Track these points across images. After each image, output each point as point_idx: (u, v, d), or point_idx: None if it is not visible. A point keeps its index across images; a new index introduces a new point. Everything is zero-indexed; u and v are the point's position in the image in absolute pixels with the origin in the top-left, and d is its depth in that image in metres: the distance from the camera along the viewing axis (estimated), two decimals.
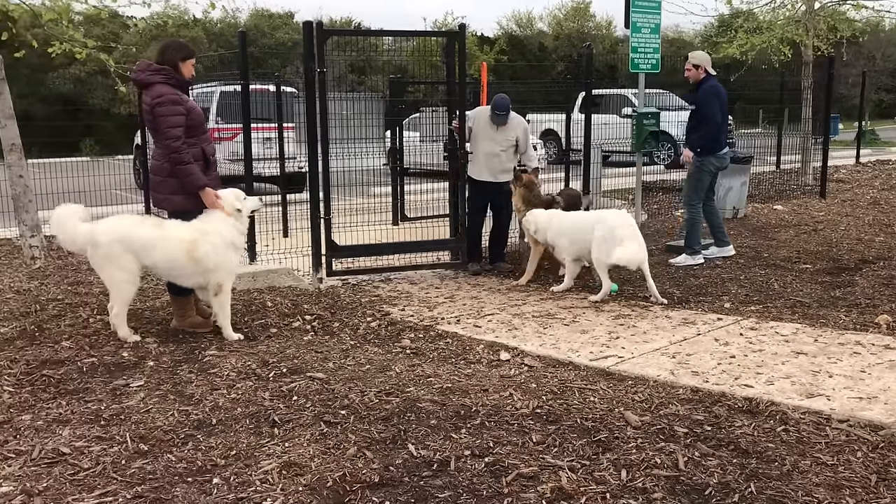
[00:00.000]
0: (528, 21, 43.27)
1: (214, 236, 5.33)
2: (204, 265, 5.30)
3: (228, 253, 5.42)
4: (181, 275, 5.37)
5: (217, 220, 5.41)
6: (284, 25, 33.43)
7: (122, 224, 5.35)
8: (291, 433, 3.86)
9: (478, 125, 7.80)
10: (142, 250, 5.22)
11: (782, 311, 6.10)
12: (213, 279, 5.37)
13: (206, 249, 5.29)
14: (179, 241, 5.26)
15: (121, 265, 5.22)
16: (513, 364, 5.04)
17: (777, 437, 3.80)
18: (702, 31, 33.59)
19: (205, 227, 5.36)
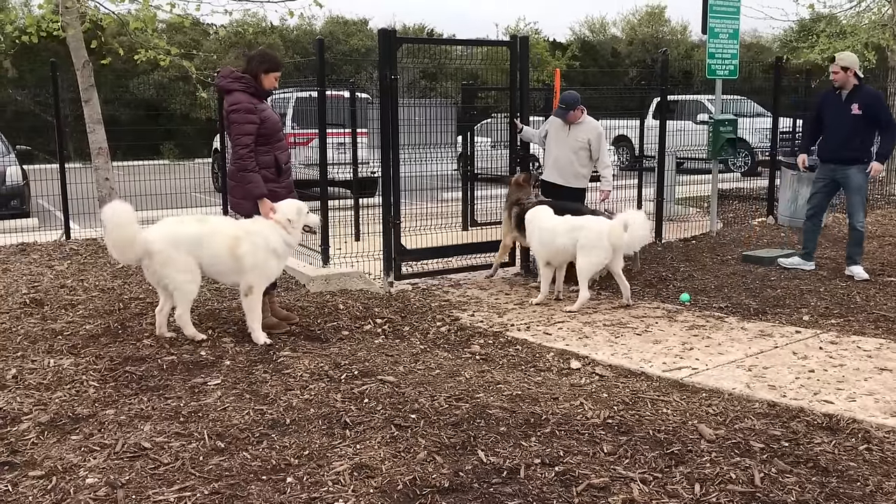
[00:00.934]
0: (601, 26, 42.82)
1: (258, 237, 5.38)
2: (242, 264, 5.35)
3: (268, 257, 5.42)
4: (221, 271, 5.44)
5: (265, 224, 5.45)
6: (359, 32, 33.87)
7: (169, 227, 5.40)
8: (362, 435, 3.91)
9: (551, 129, 7.77)
10: (191, 247, 5.31)
11: (864, 325, 5.89)
12: (247, 280, 5.41)
13: (247, 249, 5.34)
14: (224, 237, 5.35)
15: (179, 267, 5.28)
16: (583, 373, 5.00)
17: (859, 456, 3.67)
18: (781, 36, 32.69)
19: (251, 227, 5.43)
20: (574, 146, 7.65)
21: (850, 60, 7.37)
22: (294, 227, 5.50)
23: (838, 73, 7.36)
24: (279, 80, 5.73)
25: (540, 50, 33.30)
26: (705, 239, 9.63)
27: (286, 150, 5.83)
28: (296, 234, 5.56)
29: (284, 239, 5.46)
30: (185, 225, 5.42)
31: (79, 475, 3.47)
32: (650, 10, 40.21)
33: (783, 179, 10.61)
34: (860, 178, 7.39)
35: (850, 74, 7.31)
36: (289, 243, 5.52)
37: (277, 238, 5.43)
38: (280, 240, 5.44)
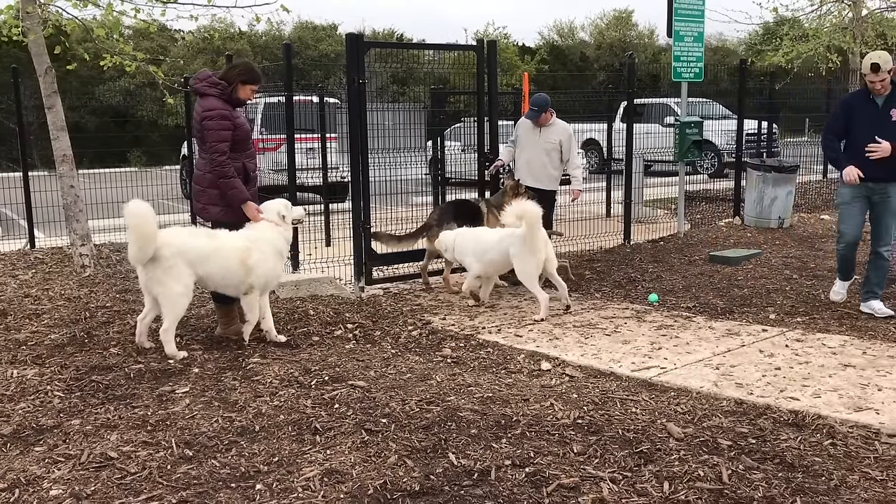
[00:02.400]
0: (569, 30, 43.14)
1: (264, 244, 5.46)
2: (255, 272, 5.39)
3: (276, 261, 5.54)
4: (231, 284, 5.42)
5: (265, 228, 5.52)
6: (328, 37, 33.83)
7: (180, 236, 5.35)
8: (333, 441, 3.89)
9: (522, 132, 7.81)
10: (198, 261, 5.27)
11: (829, 323, 5.99)
12: (248, 281, 5.41)
13: (258, 257, 5.39)
14: (233, 250, 5.35)
15: (180, 279, 5.22)
16: (554, 374, 5.02)
17: (824, 452, 3.73)
18: (746, 39, 33.16)
19: (255, 235, 5.48)
20: (546, 147, 7.71)
21: (888, 59, 5.98)
22: (287, 223, 5.65)
23: (885, 79, 5.97)
24: (256, 92, 5.74)
25: (509, 54, 33.46)
26: (673, 240, 9.73)
27: (254, 157, 5.81)
28: (290, 231, 5.71)
29: (285, 238, 5.63)
30: (197, 238, 5.40)
31: (42, 487, 3.41)
32: (618, 14, 40.61)
33: (749, 180, 10.77)
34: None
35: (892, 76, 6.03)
36: (288, 240, 5.69)
37: (279, 239, 5.56)
38: (282, 240, 5.59)
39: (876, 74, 5.91)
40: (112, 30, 8.27)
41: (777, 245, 9.28)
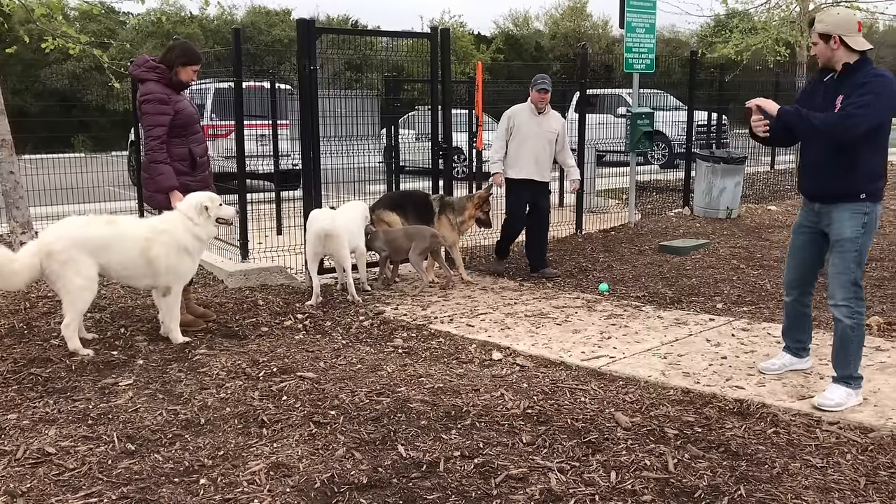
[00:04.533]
0: (524, 20, 43.25)
1: (168, 238, 5.12)
2: (156, 266, 5.11)
3: (181, 256, 5.19)
4: (133, 276, 5.17)
5: (174, 221, 5.19)
6: (281, 23, 33.33)
7: (73, 226, 5.04)
8: (280, 433, 3.84)
9: (519, 120, 7.42)
10: (96, 250, 4.97)
11: (774, 312, 6.09)
12: (162, 281, 5.18)
13: (158, 251, 5.09)
14: (134, 240, 5.07)
15: (80, 271, 4.91)
16: (505, 364, 5.02)
17: (768, 440, 3.79)
18: (698, 31, 33.59)
19: (161, 227, 5.16)
20: (549, 137, 7.47)
21: (833, 21, 4.21)
22: (205, 219, 5.25)
23: (817, 45, 4.27)
24: (198, 72, 5.58)
25: (465, 43, 33.41)
26: (624, 230, 9.82)
27: (202, 143, 5.68)
28: (208, 228, 5.29)
29: (194, 233, 5.20)
30: (93, 226, 5.07)
31: None
32: (572, 4, 40.80)
33: (698, 171, 10.91)
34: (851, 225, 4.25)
35: (837, 45, 4.17)
36: (200, 237, 5.26)
37: (187, 235, 5.18)
38: (190, 235, 5.19)
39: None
40: (53, 11, 8.02)
41: (725, 235, 9.43)
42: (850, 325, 4.23)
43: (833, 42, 4.17)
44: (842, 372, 4.27)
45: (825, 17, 4.27)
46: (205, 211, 5.23)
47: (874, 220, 4.26)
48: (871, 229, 4.27)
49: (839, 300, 4.26)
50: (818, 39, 4.25)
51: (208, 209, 5.25)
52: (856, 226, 4.20)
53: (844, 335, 4.25)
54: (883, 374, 4.66)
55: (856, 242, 4.21)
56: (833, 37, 4.16)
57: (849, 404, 4.18)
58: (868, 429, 3.90)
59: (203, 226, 5.24)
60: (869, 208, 4.21)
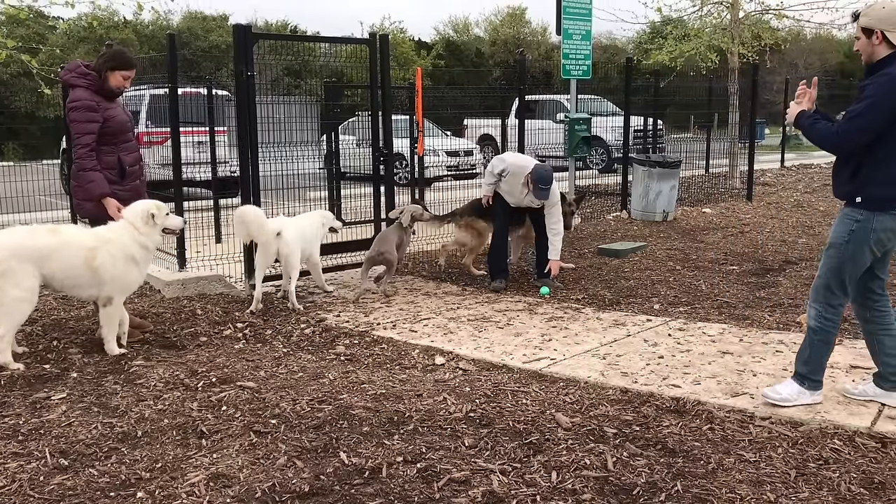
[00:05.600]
0: (464, 27, 43.53)
1: (114, 247, 5.03)
2: (100, 276, 5.01)
3: (128, 266, 5.11)
4: (77, 286, 5.05)
5: (120, 229, 5.11)
6: (219, 28, 32.88)
7: (13, 236, 4.91)
8: (220, 444, 3.78)
9: (508, 186, 7.18)
10: (39, 260, 4.84)
11: (709, 312, 6.25)
12: (105, 291, 5.07)
13: (104, 260, 4.99)
14: (78, 249, 4.96)
15: (19, 282, 4.77)
16: (448, 368, 5.04)
17: (703, 436, 3.89)
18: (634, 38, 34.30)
19: (107, 236, 5.07)
20: (533, 206, 7.25)
21: (878, 16, 3.92)
22: (151, 228, 5.16)
23: (859, 39, 4.01)
24: (131, 79, 5.46)
25: (406, 49, 33.45)
26: (564, 234, 9.92)
27: (134, 151, 5.56)
28: (154, 236, 5.21)
29: (141, 243, 5.12)
30: (35, 236, 4.93)
31: None
32: (511, 11, 41.23)
33: (635, 175, 11.13)
34: (838, 230, 4.09)
35: (879, 41, 3.91)
36: (147, 247, 5.18)
37: (133, 244, 5.09)
38: (136, 245, 5.10)
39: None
40: None
41: (661, 238, 9.64)
42: (813, 328, 4.15)
43: (875, 37, 3.89)
44: (798, 368, 4.24)
45: (870, 10, 3.94)
46: (151, 219, 5.15)
47: (867, 230, 3.91)
48: (861, 240, 3.94)
49: (811, 300, 4.20)
50: (860, 34, 3.97)
51: (154, 217, 5.16)
52: (842, 232, 4.00)
53: (808, 335, 4.20)
54: None
55: (838, 249, 4.00)
56: (875, 32, 3.88)
57: (798, 402, 4.16)
58: (798, 423, 4.02)
59: (149, 235, 5.16)
60: (862, 216, 3.92)
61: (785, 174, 17.72)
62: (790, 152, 22.68)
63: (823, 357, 4.21)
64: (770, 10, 14.97)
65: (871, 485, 3.35)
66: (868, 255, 4.00)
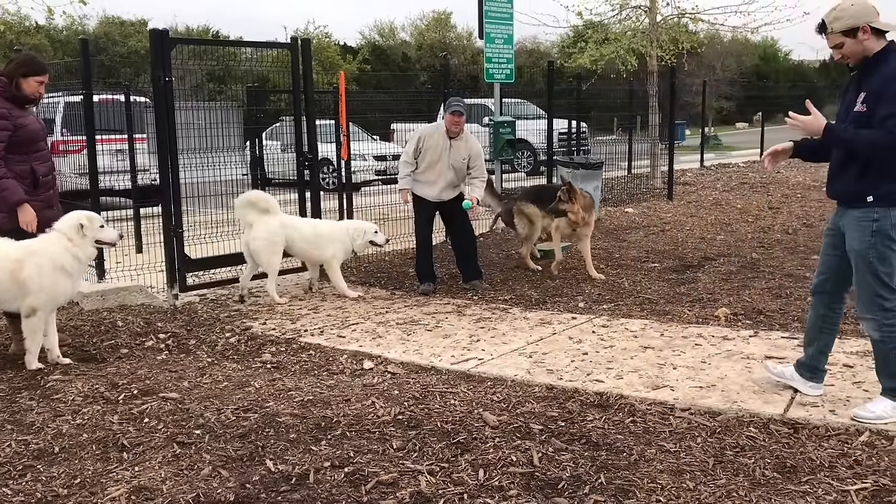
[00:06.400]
0: (390, 31, 43.53)
1: (43, 258, 4.90)
2: (31, 290, 4.87)
3: (57, 278, 4.96)
4: (2, 298, 4.93)
5: (50, 241, 4.98)
6: (137, 33, 32.08)
7: None
8: (142, 457, 3.69)
9: (429, 143, 7.12)
10: None
11: (632, 309, 6.41)
12: (29, 302, 4.92)
13: (31, 273, 4.86)
14: (4, 261, 4.84)
15: None
16: (376, 372, 5.04)
17: (626, 429, 3.98)
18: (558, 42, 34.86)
19: (34, 248, 4.93)
20: (459, 165, 7.17)
21: (853, 13, 3.80)
22: (82, 239, 5.03)
23: (843, 45, 3.86)
24: (45, 84, 5.28)
25: (331, 53, 33.26)
26: (492, 235, 10.06)
27: (47, 161, 5.39)
28: (87, 248, 5.08)
29: (73, 253, 4.99)
30: None
31: None
32: (437, 15, 41.42)
33: (559, 177, 11.30)
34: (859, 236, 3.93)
35: (867, 35, 3.79)
36: (78, 258, 5.04)
37: (65, 255, 4.95)
38: (69, 256, 4.97)
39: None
40: None
41: None
42: (881, 339, 3.92)
43: (862, 33, 3.74)
44: (886, 384, 3.99)
45: (840, 13, 3.79)
46: (80, 230, 5.02)
47: (888, 226, 3.81)
48: (886, 236, 3.81)
49: (865, 314, 3.99)
50: (843, 38, 3.80)
51: (83, 228, 5.03)
52: (863, 235, 3.85)
53: (877, 348, 3.98)
54: (729, 360, 4.99)
55: (865, 256, 3.86)
56: (860, 27, 3.74)
57: (894, 418, 3.90)
58: (716, 413, 4.16)
59: (81, 246, 5.04)
60: (879, 213, 3.80)
61: (704, 174, 18.28)
62: (709, 152, 23.43)
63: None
64: (686, 14, 15.44)
65: (784, 469, 3.49)
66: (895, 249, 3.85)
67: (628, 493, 3.31)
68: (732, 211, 11.89)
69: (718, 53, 39.67)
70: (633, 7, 15.30)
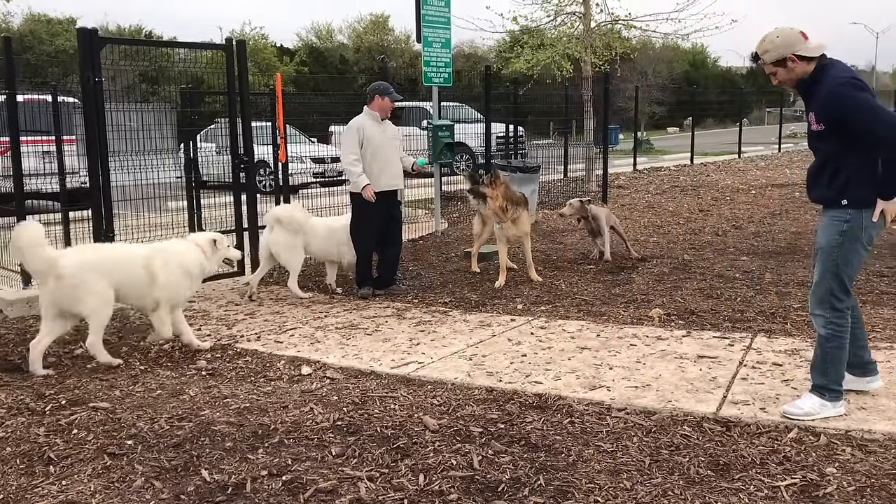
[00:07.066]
0: (327, 33, 43.24)
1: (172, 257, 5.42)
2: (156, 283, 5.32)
3: (181, 278, 5.47)
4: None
5: (186, 245, 5.56)
6: (65, 32, 31.14)
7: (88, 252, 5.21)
8: (70, 470, 3.57)
9: (369, 132, 7.02)
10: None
11: (569, 310, 6.48)
12: (155, 296, 5.37)
13: (161, 269, 5.33)
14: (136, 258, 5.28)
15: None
16: (314, 378, 4.98)
17: (564, 430, 4.02)
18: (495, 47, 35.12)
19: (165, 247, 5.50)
20: (395, 144, 7.24)
21: (779, 45, 3.97)
22: (214, 254, 5.68)
23: (776, 74, 4.08)
24: None
25: (267, 55, 32.86)
26: (432, 238, 10.06)
27: None
28: (213, 263, 5.71)
29: (201, 264, 5.61)
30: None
31: None
32: (374, 18, 41.31)
33: None
34: (829, 233, 4.02)
35: (795, 63, 3.97)
36: (203, 269, 5.65)
37: (194, 261, 5.54)
38: (197, 264, 5.58)
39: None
40: None
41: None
42: (825, 336, 4.03)
43: (791, 62, 3.95)
44: (816, 380, 4.10)
45: (768, 45, 3.98)
46: (213, 245, 5.67)
47: (858, 227, 3.91)
48: (855, 238, 3.93)
49: (815, 309, 4.08)
50: (774, 68, 4.01)
51: (216, 243, 5.70)
52: (833, 234, 3.96)
53: (819, 344, 4.08)
54: (663, 360, 5.08)
55: (831, 252, 3.96)
56: (787, 58, 3.94)
57: (821, 414, 4.02)
58: (651, 412, 4.23)
59: (210, 259, 5.67)
60: (850, 215, 3.90)
61: (637, 177, 18.63)
62: (641, 156, 23.91)
63: (840, 364, 4.07)
64: (619, 21, 15.73)
65: (718, 467, 3.57)
66: (861, 252, 3.98)
67: (567, 494, 3.34)
68: (664, 213, 12.15)
69: (650, 59, 40.57)
70: (568, 13, 15.52)
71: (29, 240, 4.80)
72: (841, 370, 4.08)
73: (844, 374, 4.12)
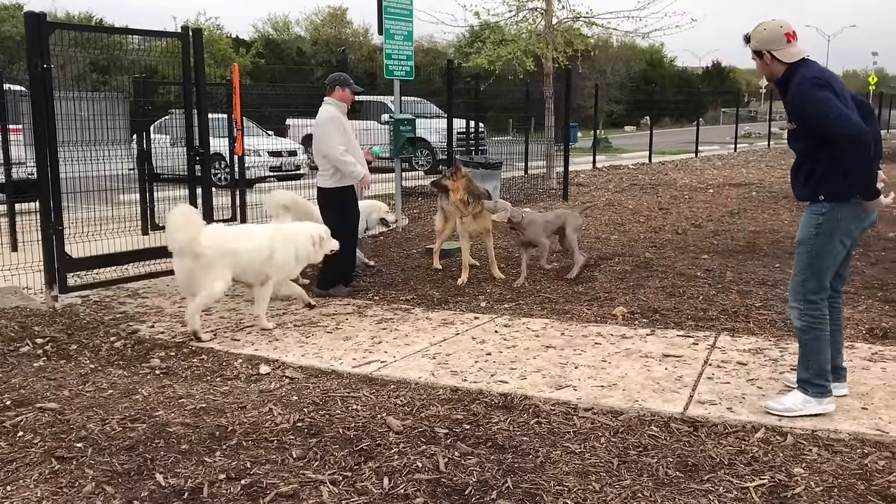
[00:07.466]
0: (284, 25, 42.71)
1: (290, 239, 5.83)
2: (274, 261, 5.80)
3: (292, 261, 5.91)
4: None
5: (304, 230, 5.96)
6: (12, 18, 30.22)
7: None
8: (15, 475, 3.39)
9: (345, 122, 6.90)
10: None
11: (532, 308, 6.42)
12: (268, 272, 5.81)
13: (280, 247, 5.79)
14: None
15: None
16: (273, 377, 4.84)
17: (531, 430, 3.95)
18: (455, 42, 35.05)
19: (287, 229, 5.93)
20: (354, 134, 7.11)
21: (762, 38, 4.05)
22: (321, 247, 6.01)
23: (756, 61, 4.17)
24: None
25: (223, 46, 32.32)
26: (392, 234, 9.93)
27: None
28: (319, 254, 6.12)
29: (308, 252, 5.97)
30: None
31: None
32: (332, 10, 40.93)
33: None
34: (806, 226, 4.08)
35: (770, 61, 4.05)
36: (309, 258, 6.08)
37: (307, 247, 5.94)
38: (306, 251, 5.97)
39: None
40: None
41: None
42: (801, 328, 4.08)
43: (766, 58, 4.03)
44: (799, 375, 4.12)
45: (755, 34, 4.07)
46: (321, 240, 6.03)
47: (833, 221, 3.95)
48: (831, 232, 3.96)
49: (791, 302, 4.14)
50: (755, 57, 4.11)
51: (323, 239, 6.05)
52: (810, 226, 4.01)
53: (798, 337, 4.15)
54: (629, 359, 5.05)
55: (808, 244, 4.01)
56: (764, 53, 4.02)
57: (805, 411, 4.01)
58: (618, 412, 4.19)
59: (316, 251, 6.05)
60: (827, 209, 3.95)
61: (597, 175, 18.71)
62: (601, 154, 24.06)
63: (822, 356, 4.05)
64: (581, 17, 15.75)
65: (686, 467, 3.53)
66: (839, 246, 4.00)
67: (535, 496, 3.27)
68: (625, 211, 12.19)
69: (609, 58, 40.90)
70: (530, 9, 15.49)
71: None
72: (822, 363, 4.06)
73: (828, 368, 4.09)
